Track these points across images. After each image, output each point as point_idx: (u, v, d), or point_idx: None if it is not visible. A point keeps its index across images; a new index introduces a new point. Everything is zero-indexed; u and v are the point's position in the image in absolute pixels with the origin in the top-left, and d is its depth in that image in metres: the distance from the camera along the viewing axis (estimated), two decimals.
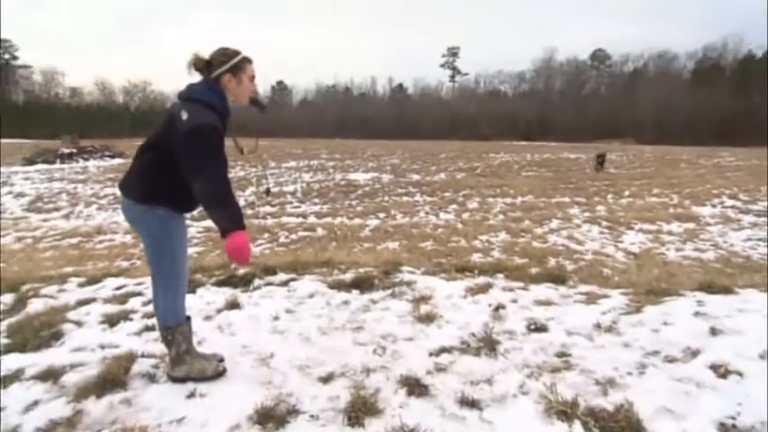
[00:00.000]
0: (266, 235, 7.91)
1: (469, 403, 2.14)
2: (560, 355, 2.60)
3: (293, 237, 7.84)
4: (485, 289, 3.71)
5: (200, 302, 3.49)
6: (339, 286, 3.81)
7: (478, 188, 13.53)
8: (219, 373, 2.41)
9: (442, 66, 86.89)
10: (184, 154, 2.09)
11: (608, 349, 2.62)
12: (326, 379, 2.39)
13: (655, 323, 2.91)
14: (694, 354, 2.48)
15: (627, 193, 12.83)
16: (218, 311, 3.35)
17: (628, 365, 2.42)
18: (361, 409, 2.07)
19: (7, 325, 3.14)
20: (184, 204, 2.28)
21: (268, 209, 10.42)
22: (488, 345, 2.70)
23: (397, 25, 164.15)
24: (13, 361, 2.64)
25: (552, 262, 6.16)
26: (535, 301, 3.50)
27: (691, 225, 8.78)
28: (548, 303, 3.46)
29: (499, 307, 3.33)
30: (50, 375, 2.45)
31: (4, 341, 2.91)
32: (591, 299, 3.55)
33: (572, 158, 24.31)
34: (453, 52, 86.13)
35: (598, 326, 2.95)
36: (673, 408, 2.05)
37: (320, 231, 8.23)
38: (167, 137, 2.16)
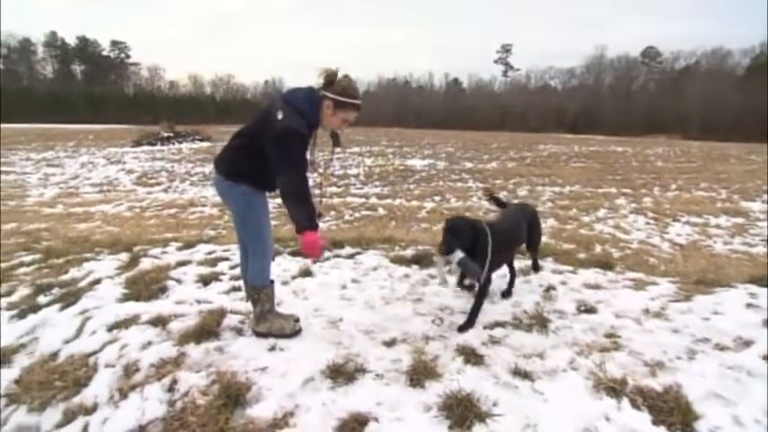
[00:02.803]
0: (332, 213, 8.03)
1: (522, 374, 2.11)
2: (609, 335, 2.50)
3: (357, 215, 7.91)
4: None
5: (278, 269, 3.60)
6: (400, 261, 3.82)
7: (528, 177, 13.05)
8: (296, 332, 2.50)
9: (496, 62, 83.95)
10: (272, 149, 2.15)
11: (656, 333, 2.49)
12: (390, 343, 2.42)
13: (704, 312, 2.73)
14: (746, 343, 2.31)
15: (673, 186, 11.96)
16: (293, 278, 3.45)
17: (677, 350, 2.29)
18: (422, 372, 2.08)
19: (125, 278, 3.39)
20: (265, 184, 2.35)
21: (334, 189, 10.60)
22: (540, 322, 2.64)
23: (455, 24, 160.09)
24: (131, 307, 2.86)
25: (599, 249, 5.86)
26: (584, 284, 3.38)
27: (740, 220, 8.07)
28: (596, 287, 3.33)
29: (550, 288, 3.24)
30: (159, 322, 2.64)
31: (124, 291, 3.15)
32: (639, 285, 3.38)
33: (619, 151, 22.91)
34: (506, 49, 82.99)
35: (647, 311, 2.81)
36: (723, 393, 1.93)
37: (381, 211, 8.25)
38: (260, 129, 2.22)
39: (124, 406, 1.96)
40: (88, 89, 65.01)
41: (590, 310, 2.88)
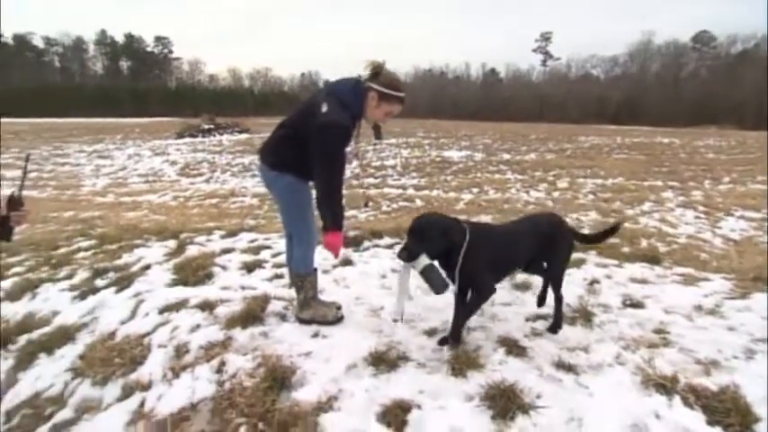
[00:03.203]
0: (370, 203, 8.07)
1: (566, 367, 2.07)
2: (658, 331, 2.42)
3: (394, 206, 7.92)
4: (578, 264, 3.54)
5: (318, 258, 3.61)
6: None
7: (568, 168, 12.66)
8: (338, 319, 2.55)
9: (535, 50, 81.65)
10: (314, 141, 2.17)
11: (711, 331, 2.38)
12: (431, 333, 2.43)
13: (764, 310, 2.59)
14: None
15: (727, 179, 11.33)
16: (334, 267, 3.50)
17: (733, 349, 2.19)
18: (464, 362, 2.08)
19: (173, 264, 3.54)
20: (309, 174, 2.36)
21: (371, 180, 10.64)
22: (584, 316, 2.58)
23: (492, 13, 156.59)
24: (180, 292, 2.99)
25: (644, 243, 5.65)
26: (630, 278, 3.29)
27: None
28: (643, 281, 3.23)
29: (593, 281, 3.17)
30: (207, 306, 2.74)
31: (173, 276, 3.29)
32: (689, 281, 3.24)
33: (665, 143, 21.86)
34: (546, 37, 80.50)
35: (699, 307, 2.69)
36: None
37: (418, 202, 8.23)
38: (303, 120, 2.24)
39: (177, 384, 2.05)
40: (134, 84, 67.87)
41: (637, 304, 2.80)
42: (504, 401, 1.81)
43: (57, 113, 45.47)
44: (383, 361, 2.12)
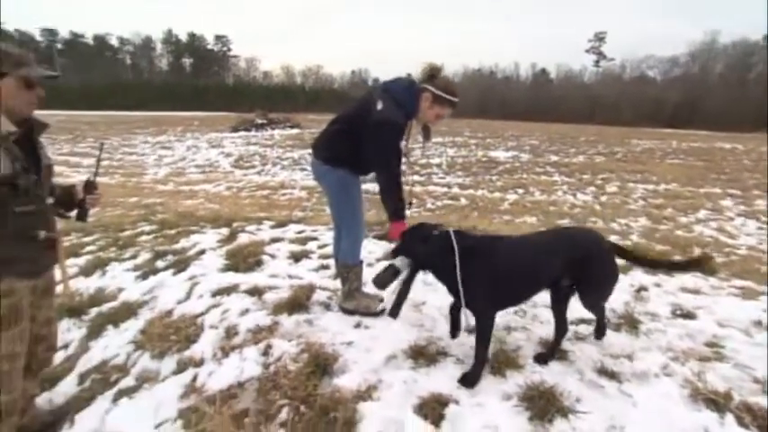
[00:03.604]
0: (414, 200, 8.08)
1: (609, 374, 2.01)
2: (710, 344, 2.29)
3: (438, 204, 7.90)
4: (624, 270, 3.38)
5: (363, 252, 3.66)
6: None
7: (618, 172, 12.11)
8: (381, 311, 2.57)
9: (588, 51, 77.99)
10: (368, 137, 2.20)
11: None
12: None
13: None
14: None
15: None
16: (378, 260, 3.53)
17: None
18: (503, 361, 2.05)
19: (226, 251, 3.69)
20: (360, 169, 2.42)
21: (417, 177, 10.63)
22: (629, 323, 2.48)
23: (544, 12, 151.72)
24: (231, 277, 3.11)
25: (698, 252, 5.35)
26: (681, 287, 3.12)
27: None
28: (695, 292, 3.05)
29: (641, 288, 3.03)
30: (256, 292, 2.85)
31: (225, 262, 3.43)
32: (748, 294, 3.03)
33: (726, 148, 20.36)
34: (600, 37, 76.57)
35: (758, 323, 2.52)
36: None
37: (463, 201, 8.17)
38: (358, 116, 2.27)
39: (226, 363, 2.15)
40: (194, 80, 70.87)
41: (687, 315, 2.65)
42: (543, 403, 1.77)
43: (127, 107, 48.46)
44: (422, 355, 2.13)
